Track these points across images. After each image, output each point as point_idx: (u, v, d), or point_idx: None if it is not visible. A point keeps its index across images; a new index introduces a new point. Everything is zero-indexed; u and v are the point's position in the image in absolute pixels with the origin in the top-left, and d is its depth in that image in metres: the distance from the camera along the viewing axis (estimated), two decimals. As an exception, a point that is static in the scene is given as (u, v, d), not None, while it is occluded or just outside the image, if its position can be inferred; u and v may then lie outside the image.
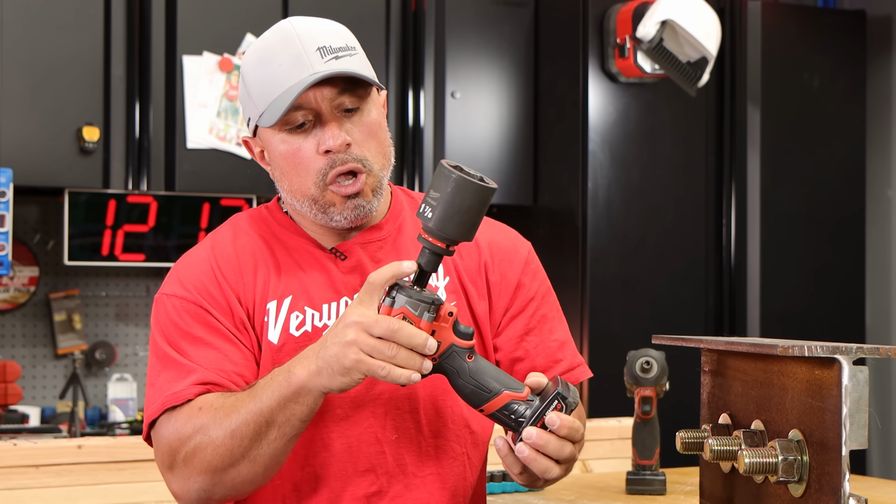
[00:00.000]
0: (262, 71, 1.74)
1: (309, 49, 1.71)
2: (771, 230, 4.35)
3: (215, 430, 1.64)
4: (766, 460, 1.61)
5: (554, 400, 1.58)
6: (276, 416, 1.61)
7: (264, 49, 1.75)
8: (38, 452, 2.74)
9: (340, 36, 1.76)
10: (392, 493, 1.76)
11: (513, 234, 1.93)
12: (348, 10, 4.01)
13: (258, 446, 1.63)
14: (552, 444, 1.57)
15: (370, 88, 1.76)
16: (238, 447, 1.63)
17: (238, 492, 1.69)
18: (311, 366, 1.59)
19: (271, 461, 1.65)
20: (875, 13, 4.70)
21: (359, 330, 1.55)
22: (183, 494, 1.70)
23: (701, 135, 4.33)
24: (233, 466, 1.65)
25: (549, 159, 4.28)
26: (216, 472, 1.65)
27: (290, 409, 1.61)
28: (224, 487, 1.67)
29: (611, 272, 4.14)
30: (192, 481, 1.68)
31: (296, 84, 1.70)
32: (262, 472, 1.66)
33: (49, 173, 3.72)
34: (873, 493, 2.51)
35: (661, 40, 3.94)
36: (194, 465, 1.66)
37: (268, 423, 1.62)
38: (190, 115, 3.82)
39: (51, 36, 3.71)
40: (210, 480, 1.66)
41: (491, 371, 1.61)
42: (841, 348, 1.54)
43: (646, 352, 2.65)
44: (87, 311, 4.13)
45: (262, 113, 1.74)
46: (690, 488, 2.61)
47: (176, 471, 1.69)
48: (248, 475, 1.65)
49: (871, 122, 4.67)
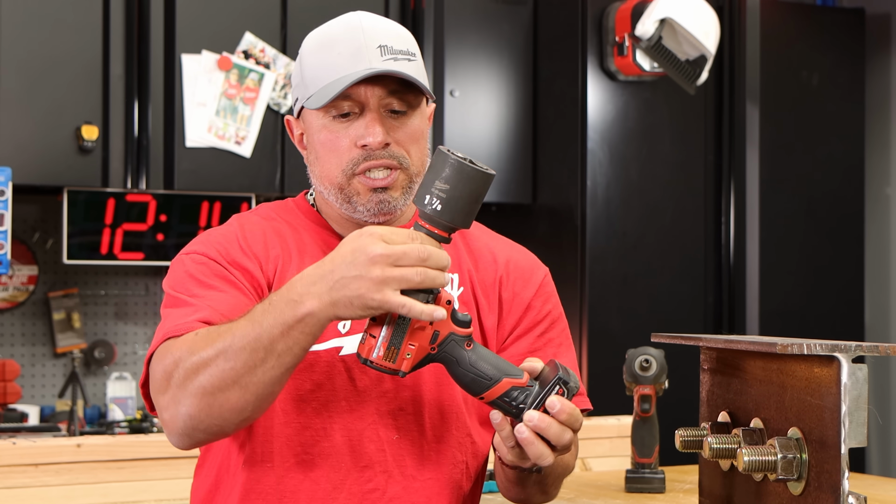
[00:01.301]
0: (320, 56, 1.76)
1: (370, 44, 1.73)
2: (770, 228, 4.35)
3: (210, 354, 1.58)
4: (766, 458, 1.61)
5: (555, 384, 1.57)
6: (276, 343, 1.55)
7: (327, 35, 1.78)
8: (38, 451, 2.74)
9: (403, 40, 1.77)
10: (390, 494, 1.76)
11: (532, 257, 1.93)
12: (347, 8, 4.00)
13: (253, 373, 1.57)
14: (553, 427, 1.56)
15: (420, 97, 1.77)
16: (231, 371, 1.57)
17: (225, 421, 1.61)
18: (325, 297, 1.53)
19: (264, 390, 1.58)
20: (874, 11, 4.71)
21: (385, 265, 1.50)
22: (171, 421, 1.63)
23: (700, 133, 4.33)
24: (223, 391, 1.58)
25: (548, 157, 4.28)
26: (206, 396, 1.58)
27: (293, 337, 1.55)
28: (211, 414, 1.60)
29: (610, 270, 4.14)
30: (182, 405, 1.61)
31: (349, 74, 1.71)
32: (253, 402, 1.58)
33: (48, 172, 3.72)
34: (872, 490, 2.51)
35: (659, 38, 3.94)
36: (186, 388, 1.60)
37: (266, 350, 1.56)
38: (189, 113, 3.82)
39: (49, 35, 3.71)
40: (199, 405, 1.59)
41: (490, 358, 1.60)
42: (840, 346, 1.54)
43: (645, 350, 2.65)
44: (86, 310, 4.13)
45: (311, 96, 1.75)
46: (690, 486, 2.61)
47: (168, 395, 1.62)
48: (238, 402, 1.58)
49: (870, 119, 4.67)
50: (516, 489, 1.78)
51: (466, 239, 1.90)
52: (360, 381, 1.75)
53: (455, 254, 1.86)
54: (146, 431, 3.73)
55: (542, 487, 1.79)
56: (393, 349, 1.57)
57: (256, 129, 3.90)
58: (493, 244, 1.91)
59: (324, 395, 1.75)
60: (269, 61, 3.92)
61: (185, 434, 1.64)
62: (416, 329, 1.57)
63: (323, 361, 1.74)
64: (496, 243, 1.92)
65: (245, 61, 3.90)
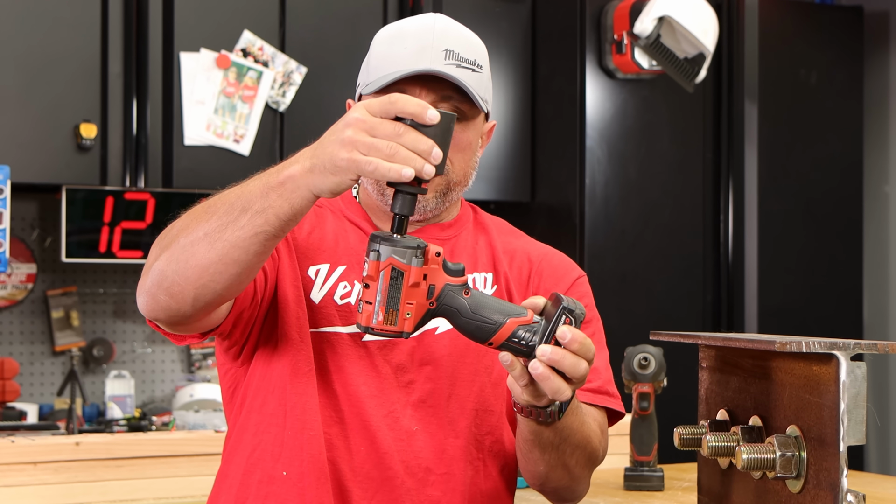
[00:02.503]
0: (388, 47, 1.78)
1: (437, 46, 1.75)
2: (768, 226, 4.35)
3: (194, 211, 1.59)
4: (764, 456, 1.62)
5: (562, 315, 1.53)
6: (253, 202, 1.51)
7: (400, 29, 1.80)
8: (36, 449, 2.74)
9: (473, 49, 1.79)
10: (407, 486, 1.76)
11: (569, 261, 1.94)
12: (346, 7, 4.01)
13: (223, 229, 1.53)
14: (567, 359, 1.51)
15: (476, 110, 1.78)
16: (205, 222, 1.54)
17: (186, 280, 1.56)
18: (306, 163, 1.50)
19: (229, 252, 1.53)
20: (872, 9, 4.71)
21: (358, 129, 1.46)
22: (142, 277, 1.62)
23: (698, 131, 4.33)
24: (192, 245, 1.55)
25: (547, 155, 4.28)
26: (176, 249, 1.56)
27: (270, 198, 1.51)
28: (177, 270, 1.56)
29: (608, 268, 4.14)
30: (153, 258, 1.60)
31: (408, 69, 1.73)
32: (216, 262, 1.54)
33: (46, 170, 3.72)
34: (871, 488, 2.51)
35: (658, 36, 3.94)
36: (162, 237, 1.60)
37: (243, 208, 1.52)
38: (187, 111, 3.82)
39: (47, 33, 3.70)
40: (168, 256, 1.57)
41: (490, 303, 1.57)
42: (838, 344, 1.54)
43: (643, 348, 2.66)
44: (84, 308, 4.13)
45: (370, 83, 1.77)
46: (688, 484, 2.61)
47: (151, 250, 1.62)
48: (203, 259, 1.54)
49: (869, 117, 4.67)
50: (535, 455, 1.73)
51: (505, 241, 1.92)
52: (383, 369, 1.76)
53: (489, 253, 1.88)
54: (145, 430, 3.73)
55: (562, 457, 1.73)
56: (392, 311, 1.53)
57: (255, 128, 3.90)
58: (529, 247, 1.93)
59: (345, 378, 1.75)
60: (268, 59, 3.92)
61: (150, 293, 1.61)
62: (411, 287, 1.53)
63: (346, 345, 1.75)
64: (532, 246, 1.94)
65: (244, 59, 3.90)
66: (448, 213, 1.88)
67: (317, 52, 3.98)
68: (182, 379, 4.22)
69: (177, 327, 1.67)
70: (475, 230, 1.91)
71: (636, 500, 2.54)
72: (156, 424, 3.80)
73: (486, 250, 1.88)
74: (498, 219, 1.99)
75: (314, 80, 3.97)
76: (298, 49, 3.96)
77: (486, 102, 1.81)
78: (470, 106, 1.77)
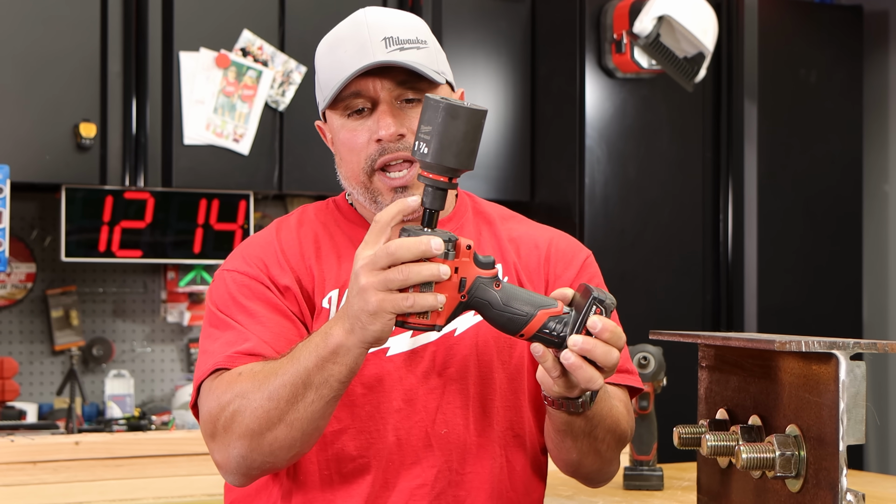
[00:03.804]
0: (330, 57, 1.78)
1: (375, 38, 1.74)
2: (768, 225, 4.35)
3: (253, 394, 1.63)
4: (764, 455, 1.61)
5: (592, 305, 1.55)
6: (313, 377, 1.58)
7: (335, 36, 1.79)
8: (36, 449, 2.74)
9: (411, 28, 1.77)
10: (437, 490, 1.76)
11: (574, 241, 1.95)
12: (345, 6, 4.00)
13: (295, 409, 1.60)
14: (599, 348, 1.54)
15: (435, 84, 1.77)
16: (275, 410, 1.61)
17: (276, 458, 1.66)
18: (345, 324, 1.55)
19: (309, 425, 1.62)
20: (872, 8, 4.71)
21: (367, 272, 1.51)
22: (224, 463, 1.69)
23: (698, 130, 4.33)
24: (270, 430, 1.63)
25: (546, 155, 4.27)
26: (254, 437, 1.64)
27: (327, 369, 1.58)
28: (262, 453, 1.65)
29: (608, 267, 4.11)
30: (232, 447, 1.66)
31: (353, 68, 1.72)
32: (300, 437, 1.63)
33: (46, 170, 3.72)
34: (871, 488, 2.51)
35: (657, 36, 3.94)
36: (233, 431, 1.65)
37: (305, 385, 1.59)
38: (187, 111, 3.82)
39: (47, 32, 3.70)
40: (248, 445, 1.64)
41: (521, 295, 1.58)
42: (838, 343, 1.54)
43: (643, 347, 2.65)
44: (84, 308, 4.13)
45: (325, 96, 1.78)
46: (688, 484, 2.61)
47: (217, 439, 1.68)
48: (286, 440, 1.63)
49: (868, 117, 4.67)
50: (567, 444, 1.75)
51: (508, 229, 1.91)
52: (407, 381, 1.76)
53: (495, 244, 1.88)
54: (144, 429, 3.73)
55: (594, 444, 1.75)
56: None
57: (254, 127, 3.90)
58: (534, 232, 1.93)
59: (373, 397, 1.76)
60: (267, 59, 3.92)
61: (240, 473, 1.69)
62: (443, 281, 1.54)
63: (370, 364, 1.76)
64: (537, 230, 1.93)
65: (243, 59, 3.90)
66: (447, 206, 1.86)
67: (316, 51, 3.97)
68: (182, 378, 4.23)
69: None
70: (476, 221, 1.90)
71: (636, 499, 2.54)
72: (155, 424, 3.80)
73: (491, 241, 1.88)
74: (496, 205, 1.98)
75: (314, 80, 3.96)
76: (298, 48, 3.96)
77: (443, 74, 1.78)
78: (428, 84, 1.75)
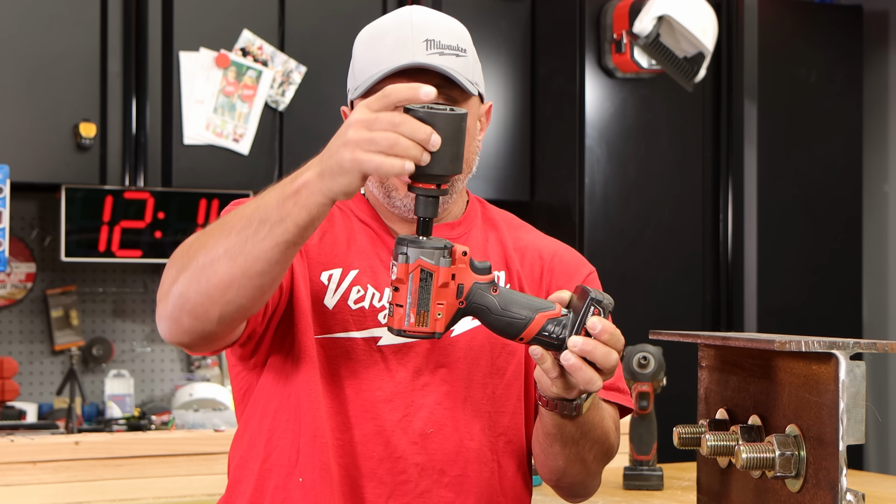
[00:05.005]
0: (369, 49, 1.77)
1: (417, 38, 1.74)
2: (768, 225, 4.36)
3: (209, 227, 1.59)
4: (763, 455, 1.61)
5: (590, 306, 1.57)
6: (270, 213, 1.52)
7: (378, 29, 1.79)
8: (36, 449, 2.74)
9: (454, 35, 1.77)
10: (421, 488, 1.76)
11: (579, 256, 1.94)
12: (346, 6, 4.01)
13: (243, 244, 1.53)
14: (599, 349, 1.54)
15: (468, 96, 1.77)
16: (223, 236, 1.55)
17: (210, 299, 1.57)
18: (316, 168, 1.51)
19: (251, 265, 1.53)
20: (871, 8, 4.71)
21: (358, 128, 1.47)
22: (161, 300, 1.62)
23: (698, 130, 4.33)
24: (212, 263, 1.55)
25: (546, 155, 4.28)
26: (196, 269, 1.56)
27: (287, 207, 1.51)
28: (199, 290, 1.56)
29: (608, 267, 4.14)
30: (170, 281, 1.60)
31: (392, 65, 1.72)
32: (239, 277, 1.54)
33: (46, 169, 3.72)
34: (870, 487, 2.51)
35: (657, 36, 3.94)
36: (177, 258, 1.60)
37: (261, 220, 1.52)
38: (186, 111, 3.82)
39: (47, 32, 3.70)
40: (188, 278, 1.57)
41: (519, 299, 1.59)
42: (838, 343, 1.54)
43: (643, 347, 2.65)
44: (84, 308, 4.13)
45: (358, 86, 1.77)
46: (688, 483, 2.61)
47: (164, 273, 1.62)
48: (225, 276, 1.54)
49: (868, 117, 4.67)
50: (555, 450, 1.74)
51: (515, 237, 1.91)
52: (398, 373, 1.76)
53: (501, 251, 1.88)
54: (144, 429, 3.73)
55: (581, 452, 1.75)
56: (423, 313, 1.55)
57: (254, 127, 3.90)
58: (539, 242, 1.92)
59: (359, 383, 1.75)
60: (267, 58, 3.92)
61: (172, 317, 1.61)
62: (441, 287, 1.55)
63: (360, 350, 1.75)
64: (543, 242, 1.93)
65: (243, 59, 3.90)
66: (455, 207, 1.87)
67: (316, 51, 3.98)
68: (181, 378, 4.23)
69: (197, 348, 1.67)
70: (484, 227, 1.90)
71: (636, 499, 2.54)
72: (155, 424, 3.80)
73: (497, 248, 1.88)
74: (505, 212, 1.98)
75: (314, 80, 3.97)
76: (298, 48, 3.96)
77: (477, 85, 1.79)
78: (460, 92, 1.76)
